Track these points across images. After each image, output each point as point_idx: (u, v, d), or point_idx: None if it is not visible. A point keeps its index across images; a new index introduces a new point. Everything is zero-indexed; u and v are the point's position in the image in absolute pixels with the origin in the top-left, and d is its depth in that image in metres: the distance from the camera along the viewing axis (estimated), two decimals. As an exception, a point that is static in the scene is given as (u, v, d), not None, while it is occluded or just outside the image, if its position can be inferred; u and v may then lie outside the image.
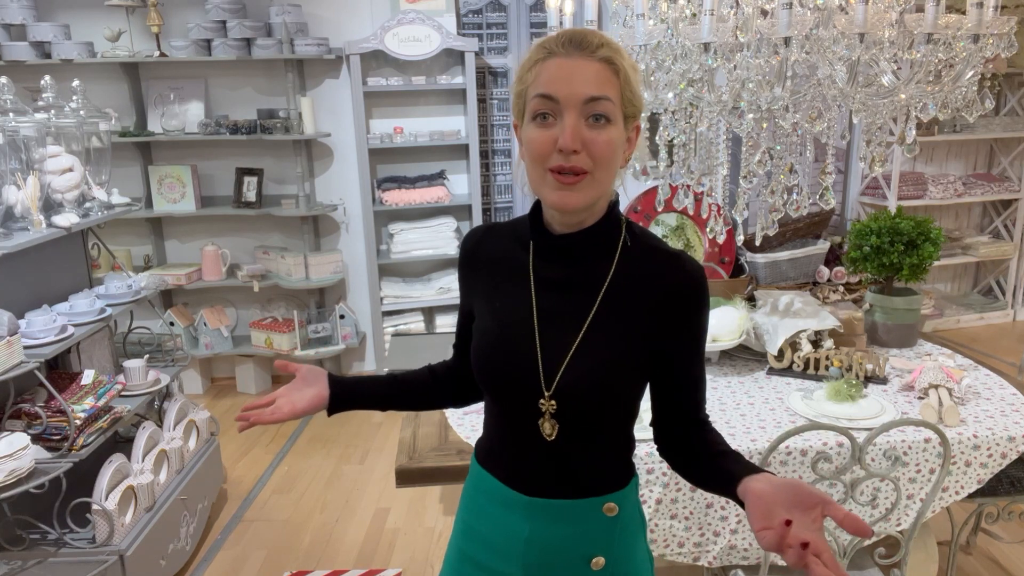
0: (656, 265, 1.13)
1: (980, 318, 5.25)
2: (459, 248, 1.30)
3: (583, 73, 1.02)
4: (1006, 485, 2.15)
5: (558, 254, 1.15)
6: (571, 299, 1.14)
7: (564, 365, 1.11)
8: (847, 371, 2.24)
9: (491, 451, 1.26)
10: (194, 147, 4.29)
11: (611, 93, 1.03)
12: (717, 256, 4.26)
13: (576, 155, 1.03)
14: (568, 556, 1.18)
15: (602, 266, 1.14)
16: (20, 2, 3.86)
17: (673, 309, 1.12)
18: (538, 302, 1.15)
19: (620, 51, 1.06)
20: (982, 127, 4.98)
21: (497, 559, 1.22)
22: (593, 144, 1.03)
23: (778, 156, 2.06)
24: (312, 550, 2.93)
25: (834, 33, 1.71)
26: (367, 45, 4.05)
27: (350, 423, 4.06)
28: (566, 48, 1.04)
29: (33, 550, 2.35)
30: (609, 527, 1.19)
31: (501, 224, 1.27)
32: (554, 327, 1.14)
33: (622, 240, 1.15)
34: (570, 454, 1.16)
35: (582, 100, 1.02)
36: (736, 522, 1.88)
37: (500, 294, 1.20)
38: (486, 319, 1.21)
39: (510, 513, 1.20)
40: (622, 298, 1.12)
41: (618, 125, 1.05)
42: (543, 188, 1.08)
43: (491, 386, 1.20)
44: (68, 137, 2.71)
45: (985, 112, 1.94)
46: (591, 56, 1.03)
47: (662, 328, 1.12)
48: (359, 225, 4.46)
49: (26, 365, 2.21)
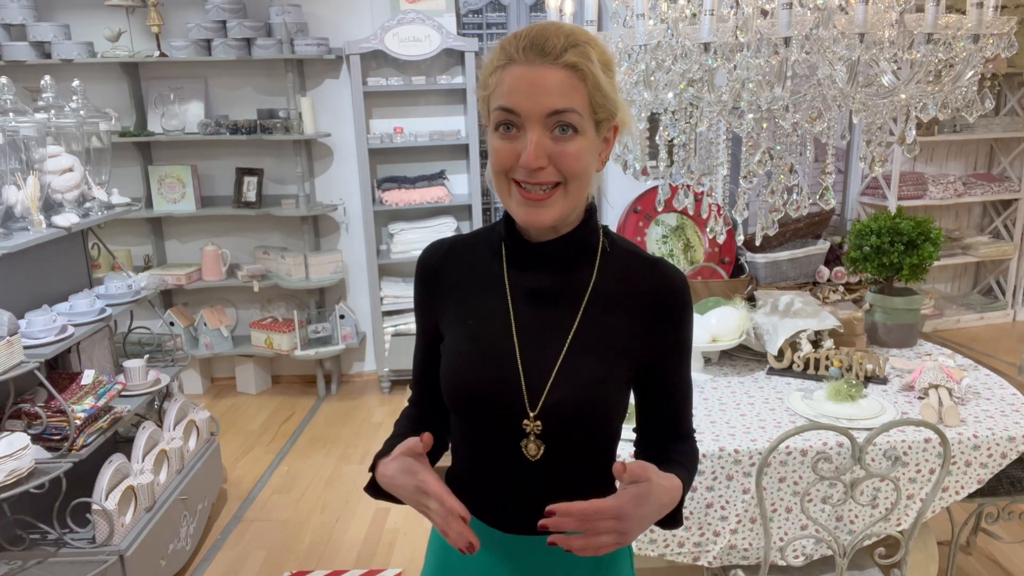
0: (637, 272, 1.08)
1: (980, 318, 5.25)
2: (417, 268, 1.17)
3: (545, 83, 0.94)
4: (1006, 485, 2.15)
5: (536, 263, 1.07)
6: (551, 310, 1.07)
7: (549, 383, 1.04)
8: (847, 371, 2.24)
9: (463, 483, 1.14)
10: (194, 147, 4.29)
11: (577, 103, 0.95)
12: (717, 256, 4.26)
13: (542, 171, 0.97)
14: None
15: (582, 274, 1.07)
16: (20, 2, 3.86)
17: (656, 317, 1.07)
18: (516, 315, 1.07)
19: (588, 50, 0.96)
20: (982, 127, 4.98)
21: None
22: (560, 157, 0.97)
23: (778, 156, 2.06)
24: (312, 550, 2.93)
25: (834, 33, 1.71)
26: (367, 45, 4.05)
27: (350, 423, 4.06)
28: (526, 54, 0.95)
29: (33, 550, 2.35)
30: (596, 563, 1.12)
31: (463, 236, 1.18)
32: (535, 341, 1.06)
33: (601, 246, 1.09)
34: (552, 478, 1.08)
35: (544, 114, 0.95)
36: (736, 522, 1.88)
37: (472, 310, 1.10)
38: (458, 339, 1.11)
39: (488, 553, 1.11)
40: (604, 307, 1.06)
41: (587, 134, 0.98)
42: (510, 201, 1.01)
43: (468, 409, 1.09)
44: (68, 137, 2.71)
45: (985, 112, 1.94)
46: (554, 63, 0.94)
47: (647, 337, 1.07)
48: (359, 225, 4.46)
49: (26, 365, 2.21)
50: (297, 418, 4.16)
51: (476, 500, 1.10)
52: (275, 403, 4.37)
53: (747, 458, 1.86)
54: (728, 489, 1.87)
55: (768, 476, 1.86)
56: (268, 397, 4.46)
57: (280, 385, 4.63)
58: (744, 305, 2.47)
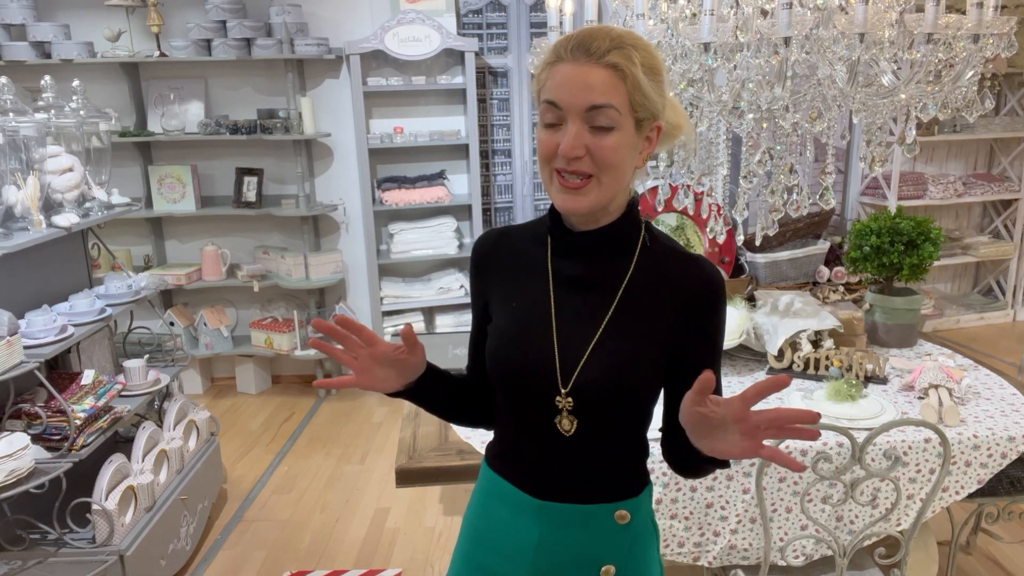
0: (675, 267, 1.14)
1: (980, 318, 5.25)
2: (472, 254, 1.28)
3: (587, 80, 1.02)
4: (1006, 485, 2.15)
5: (577, 251, 1.15)
6: (589, 297, 1.14)
7: (582, 363, 1.11)
8: (847, 371, 2.24)
9: (503, 454, 1.25)
10: (194, 147, 4.29)
11: (616, 100, 1.02)
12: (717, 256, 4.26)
13: (579, 160, 1.04)
14: (578, 563, 1.17)
15: (621, 265, 1.14)
16: (20, 2, 3.85)
17: (691, 311, 1.12)
18: (556, 299, 1.15)
19: (632, 52, 1.03)
20: (982, 127, 4.98)
21: (505, 564, 1.21)
22: (597, 150, 1.04)
23: (778, 156, 2.06)
24: (312, 550, 2.93)
25: (834, 33, 1.71)
26: (367, 45, 4.05)
27: (350, 423, 4.06)
28: (574, 53, 1.03)
29: (33, 550, 2.35)
30: (620, 535, 1.18)
31: (514, 226, 1.27)
32: (572, 324, 1.13)
33: (641, 240, 1.15)
34: (586, 453, 1.15)
35: (584, 108, 1.02)
36: (736, 522, 1.88)
37: (517, 293, 1.19)
38: (502, 318, 1.20)
39: (520, 517, 1.19)
40: (640, 297, 1.12)
41: (624, 130, 1.04)
42: (551, 189, 1.09)
43: (506, 384, 1.18)
44: (68, 137, 2.71)
45: (985, 112, 1.94)
46: (597, 63, 1.02)
47: (679, 330, 1.12)
48: (359, 225, 4.46)
49: (26, 365, 2.21)
50: (297, 418, 4.16)
51: (515, 471, 1.21)
52: (275, 403, 4.37)
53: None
54: (728, 489, 1.87)
55: (768, 476, 1.86)
56: (268, 397, 4.46)
57: (280, 385, 4.63)
58: (744, 305, 2.47)
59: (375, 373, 1.15)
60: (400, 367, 1.16)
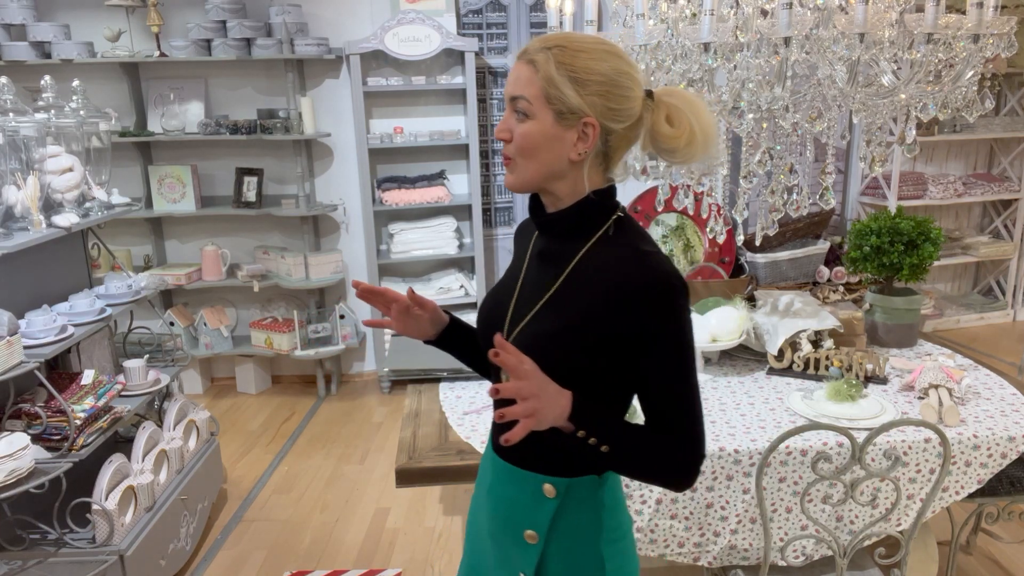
0: (623, 261, 1.16)
1: (980, 318, 5.25)
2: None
3: (514, 74, 1.18)
4: (1006, 485, 2.15)
5: (543, 229, 1.27)
6: (545, 271, 1.25)
7: (519, 326, 1.23)
8: (847, 371, 2.24)
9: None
10: (194, 147, 4.29)
11: (528, 92, 1.15)
12: (717, 256, 4.26)
13: (506, 144, 1.19)
14: (507, 519, 1.28)
15: (576, 246, 1.22)
16: (20, 2, 3.85)
17: (629, 308, 1.12)
18: (526, 269, 1.30)
19: (556, 52, 1.14)
20: (982, 127, 4.98)
21: (481, 513, 1.36)
22: (515, 136, 1.18)
23: (778, 156, 2.06)
24: (312, 550, 2.93)
25: (834, 33, 1.71)
26: (367, 45, 4.05)
27: (350, 423, 4.06)
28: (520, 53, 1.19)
29: (33, 550, 2.35)
30: (547, 508, 1.23)
31: None
32: (527, 292, 1.27)
33: (604, 230, 1.21)
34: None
35: (508, 98, 1.19)
36: (736, 522, 1.88)
37: (513, 262, 1.37)
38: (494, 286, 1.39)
39: (487, 468, 1.36)
40: (583, 279, 1.19)
41: (539, 120, 1.15)
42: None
43: (480, 334, 1.35)
44: (68, 137, 2.71)
45: (985, 112, 1.94)
46: (521, 59, 1.17)
47: (615, 323, 1.13)
48: (359, 225, 4.47)
49: (26, 365, 2.21)
50: (297, 418, 4.16)
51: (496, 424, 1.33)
52: (275, 403, 4.37)
53: (747, 458, 1.86)
54: (728, 489, 1.88)
55: (768, 476, 1.86)
56: (268, 397, 4.46)
57: (280, 385, 4.64)
58: (744, 305, 2.47)
59: (407, 322, 1.38)
60: (419, 320, 1.38)
